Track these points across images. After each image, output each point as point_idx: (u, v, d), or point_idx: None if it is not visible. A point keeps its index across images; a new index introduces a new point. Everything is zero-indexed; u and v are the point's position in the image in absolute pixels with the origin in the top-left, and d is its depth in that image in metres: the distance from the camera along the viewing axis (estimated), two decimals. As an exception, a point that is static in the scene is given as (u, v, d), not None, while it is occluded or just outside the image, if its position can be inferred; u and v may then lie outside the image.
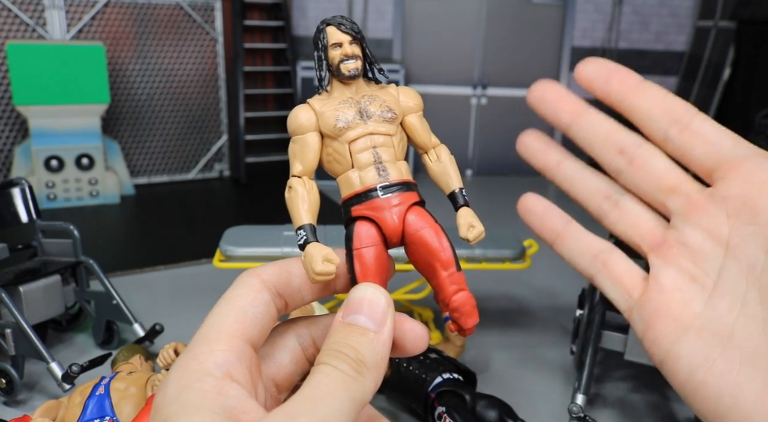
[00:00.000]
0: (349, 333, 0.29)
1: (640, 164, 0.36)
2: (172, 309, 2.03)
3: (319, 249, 0.31)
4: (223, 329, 0.29)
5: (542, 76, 3.91)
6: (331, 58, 0.34)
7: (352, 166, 0.33)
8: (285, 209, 0.34)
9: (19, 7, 3.57)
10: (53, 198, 3.50)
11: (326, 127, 0.33)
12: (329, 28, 0.34)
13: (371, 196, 0.33)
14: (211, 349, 0.28)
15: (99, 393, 0.95)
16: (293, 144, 0.34)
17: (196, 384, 0.27)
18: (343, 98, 0.34)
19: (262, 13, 4.27)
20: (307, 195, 0.33)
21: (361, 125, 0.33)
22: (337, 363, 0.27)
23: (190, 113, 4.19)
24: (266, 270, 0.32)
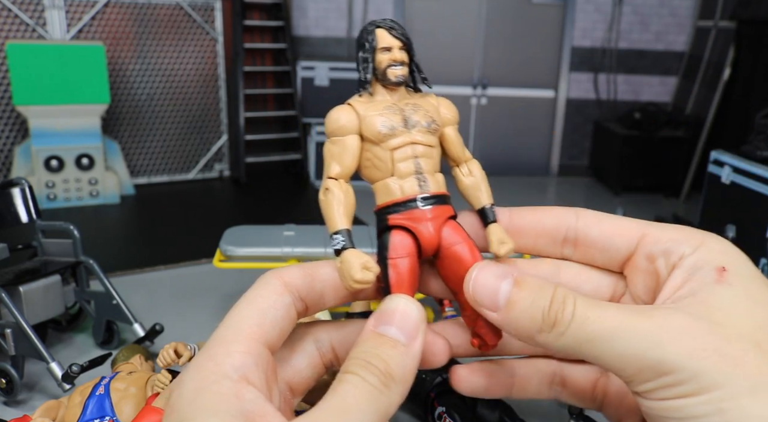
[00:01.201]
0: (380, 344, 0.28)
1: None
2: (172, 309, 2.02)
3: (358, 256, 0.30)
4: (242, 331, 0.29)
5: (542, 76, 3.93)
6: (378, 62, 0.33)
7: (392, 174, 0.32)
8: (285, 209, 0.33)
9: (19, 7, 3.57)
10: (53, 198, 3.50)
11: (370, 131, 0.32)
12: (379, 30, 0.34)
13: (411, 207, 0.32)
14: (229, 351, 0.28)
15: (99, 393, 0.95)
16: (331, 145, 0.33)
17: (213, 387, 0.26)
18: (387, 104, 0.33)
19: (262, 13, 4.27)
20: (344, 198, 0.31)
21: (405, 133, 0.32)
22: (365, 375, 0.27)
23: (190, 113, 4.19)
24: (289, 273, 0.32)
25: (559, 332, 0.29)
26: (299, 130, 4.21)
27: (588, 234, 0.34)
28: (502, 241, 0.33)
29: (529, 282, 0.30)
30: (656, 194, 4.38)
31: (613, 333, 0.28)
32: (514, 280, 0.30)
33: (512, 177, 4.82)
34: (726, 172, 2.68)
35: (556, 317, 0.29)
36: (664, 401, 0.27)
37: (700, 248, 0.30)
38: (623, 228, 0.33)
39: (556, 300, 0.29)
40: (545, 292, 0.29)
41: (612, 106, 4.79)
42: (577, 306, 0.29)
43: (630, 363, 0.27)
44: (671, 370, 0.26)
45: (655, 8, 4.67)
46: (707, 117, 4.14)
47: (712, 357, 0.26)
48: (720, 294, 0.28)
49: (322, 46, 4.54)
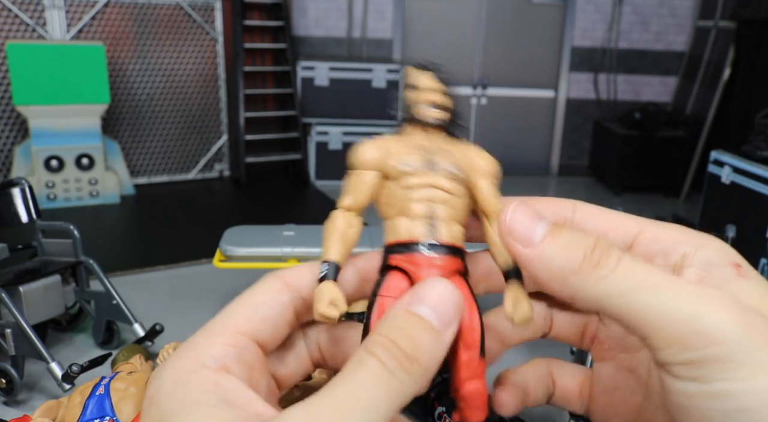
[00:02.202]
0: (412, 324, 0.25)
1: None
2: (172, 309, 2.02)
3: (331, 289, 0.29)
4: (229, 324, 0.29)
5: (542, 76, 3.93)
6: (417, 102, 0.33)
7: (403, 214, 0.31)
8: (285, 209, 0.33)
9: (19, 7, 3.57)
10: (53, 198, 3.50)
11: (390, 167, 0.32)
12: (424, 71, 0.33)
13: (414, 250, 0.30)
14: (210, 342, 0.27)
15: (99, 393, 0.95)
16: (350, 176, 0.33)
17: (191, 377, 0.25)
18: (416, 143, 0.33)
19: (262, 13, 4.27)
20: (345, 230, 0.31)
21: (426, 175, 0.31)
22: (386, 358, 0.24)
23: (190, 113, 4.19)
24: (291, 272, 0.31)
25: (600, 275, 0.26)
26: (299, 130, 4.21)
27: (584, 228, 0.32)
28: (517, 304, 0.30)
29: (569, 227, 0.28)
30: (656, 194, 4.38)
31: (663, 287, 0.25)
32: (554, 222, 0.29)
33: (512, 177, 4.83)
34: (726, 172, 2.68)
35: (600, 259, 0.26)
36: (705, 383, 0.24)
37: (704, 246, 0.29)
38: (620, 223, 0.32)
39: (599, 245, 0.27)
40: (588, 236, 0.27)
41: (612, 106, 4.79)
42: (623, 256, 0.26)
43: (675, 324, 0.24)
44: (722, 340, 0.23)
45: (655, 8, 4.67)
46: (707, 117, 4.15)
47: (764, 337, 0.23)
48: (746, 287, 0.27)
49: (322, 46, 4.54)
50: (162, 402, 0.25)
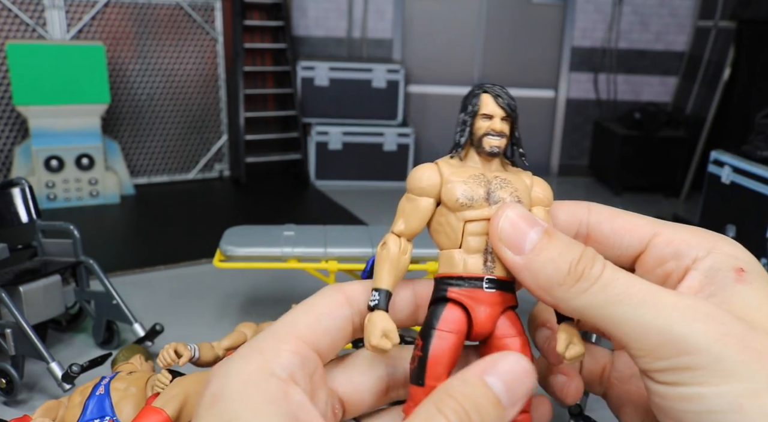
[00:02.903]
0: (483, 396, 0.26)
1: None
2: (172, 309, 2.02)
3: (383, 320, 0.29)
4: (294, 331, 0.29)
5: (542, 76, 3.93)
6: (476, 128, 0.32)
7: (459, 246, 0.31)
8: (285, 209, 0.33)
9: (19, 7, 3.57)
10: (53, 198, 3.50)
11: (448, 197, 0.31)
12: (485, 95, 0.32)
13: (475, 285, 0.30)
14: (278, 348, 0.28)
15: (99, 393, 0.95)
16: (406, 201, 0.32)
17: (262, 384, 0.26)
18: (475, 172, 0.32)
19: (262, 13, 4.27)
20: (397, 258, 0.31)
21: (485, 208, 0.31)
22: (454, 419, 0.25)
23: (190, 113, 4.19)
24: (352, 287, 0.31)
25: (582, 288, 0.27)
26: (299, 130, 4.21)
27: (599, 230, 0.33)
28: (572, 342, 0.31)
29: (560, 236, 0.29)
30: (656, 194, 4.38)
31: (640, 300, 0.26)
32: (545, 230, 0.29)
33: (512, 177, 4.82)
34: (726, 172, 2.68)
35: (584, 271, 0.27)
36: (679, 387, 0.25)
37: (713, 251, 0.30)
38: (635, 225, 0.32)
39: (585, 257, 0.28)
40: (575, 247, 0.28)
41: (612, 106, 4.79)
42: (606, 267, 0.28)
43: (652, 334, 0.26)
44: (694, 350, 0.25)
45: (655, 8, 4.67)
46: (707, 117, 4.15)
47: (737, 346, 0.25)
48: (741, 292, 0.28)
49: (322, 46, 4.54)
50: (227, 403, 0.25)
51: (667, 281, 0.31)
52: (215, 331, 1.63)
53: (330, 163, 4.21)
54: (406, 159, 4.22)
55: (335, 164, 4.19)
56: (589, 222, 0.33)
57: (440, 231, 0.32)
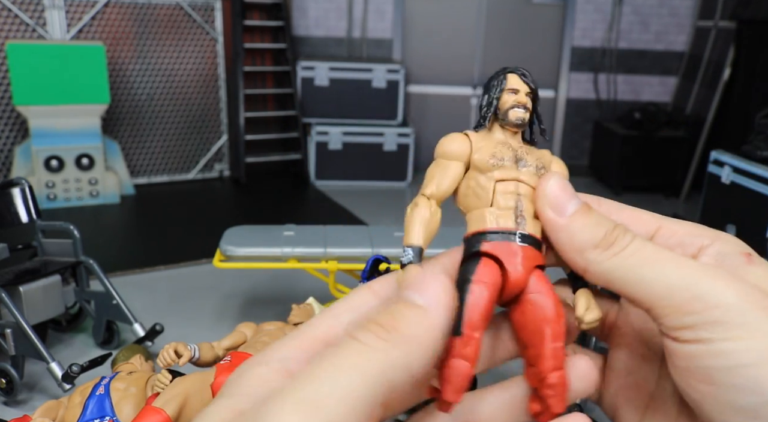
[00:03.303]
0: (395, 304, 0.26)
1: None
2: (172, 309, 2.02)
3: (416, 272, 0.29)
4: (309, 330, 0.29)
5: (542, 76, 3.94)
6: (503, 102, 0.33)
7: (491, 205, 0.32)
8: (285, 209, 0.33)
9: (19, 7, 3.57)
10: (53, 198, 3.50)
11: (479, 159, 0.32)
12: (511, 74, 0.34)
13: (508, 239, 0.31)
14: (284, 344, 0.28)
15: (99, 393, 0.95)
16: (435, 166, 0.33)
17: (246, 373, 0.27)
18: (501, 140, 0.33)
19: (262, 13, 4.27)
20: (429, 218, 0.31)
21: (513, 169, 0.32)
22: (361, 335, 0.24)
23: (190, 113, 4.19)
24: (380, 281, 0.32)
25: (614, 252, 0.29)
26: (299, 130, 4.21)
27: None
28: (589, 308, 0.32)
29: (597, 210, 0.32)
30: (656, 194, 4.39)
31: (668, 261, 0.28)
32: (585, 202, 0.32)
33: (512, 177, 4.82)
34: (726, 172, 2.68)
35: (617, 238, 0.30)
36: (706, 344, 0.26)
37: (717, 240, 0.32)
38: (640, 219, 0.34)
39: (619, 227, 0.30)
40: (610, 219, 0.31)
41: (612, 106, 4.80)
42: (636, 237, 0.30)
43: (678, 291, 0.27)
44: (720, 304, 0.26)
45: (655, 8, 4.67)
46: (707, 117, 4.15)
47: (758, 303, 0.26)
48: (753, 272, 0.29)
49: (322, 46, 4.54)
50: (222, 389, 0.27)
51: None
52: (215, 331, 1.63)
53: (330, 163, 4.21)
54: (406, 159, 4.22)
55: (335, 164, 4.19)
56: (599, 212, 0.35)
57: (469, 194, 0.33)
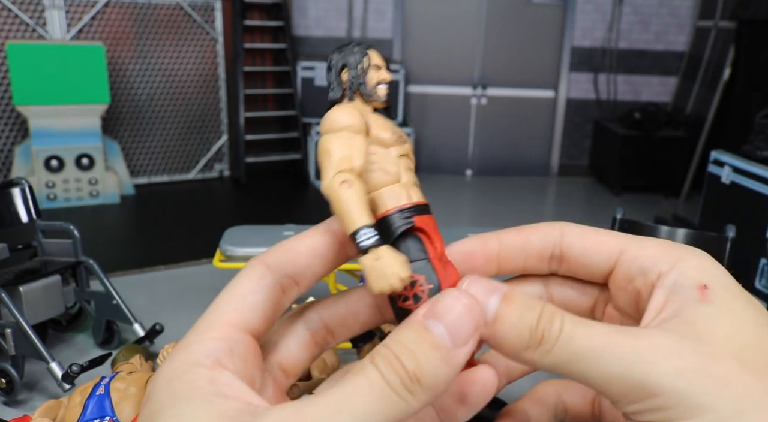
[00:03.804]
0: (420, 341, 0.25)
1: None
2: (172, 309, 2.02)
3: (395, 252, 0.28)
4: (218, 318, 0.29)
5: (542, 76, 3.94)
6: (369, 78, 0.32)
7: (398, 181, 0.31)
8: (285, 209, 0.33)
9: (19, 7, 3.57)
10: (53, 198, 3.50)
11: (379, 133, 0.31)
12: (371, 51, 0.33)
13: (426, 212, 0.30)
14: (202, 338, 0.28)
15: (99, 393, 0.95)
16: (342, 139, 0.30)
17: (185, 375, 0.26)
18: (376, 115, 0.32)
19: (262, 13, 4.27)
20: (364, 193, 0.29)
21: (402, 144, 0.32)
22: (387, 372, 0.24)
23: (190, 113, 4.19)
24: (272, 254, 0.31)
25: (545, 350, 0.28)
26: (299, 130, 4.21)
27: (570, 250, 0.34)
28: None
29: (518, 299, 0.29)
30: (656, 194, 4.38)
31: (600, 352, 0.27)
32: (503, 295, 0.29)
33: (512, 177, 4.82)
34: (726, 172, 2.68)
35: (543, 334, 0.28)
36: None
37: (677, 265, 0.30)
38: (602, 243, 0.33)
39: (543, 317, 0.28)
40: (533, 309, 0.29)
41: (612, 106, 4.79)
42: (564, 323, 0.28)
43: (616, 383, 0.27)
44: (658, 392, 0.26)
45: (655, 8, 4.67)
46: (707, 117, 4.15)
47: (698, 379, 0.26)
48: (703, 313, 0.28)
49: (322, 46, 4.54)
50: (155, 398, 0.26)
51: (638, 298, 0.31)
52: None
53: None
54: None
55: (335, 164, 4.20)
56: (562, 244, 0.34)
57: (377, 170, 0.31)
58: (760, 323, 0.28)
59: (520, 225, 0.36)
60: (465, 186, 4.67)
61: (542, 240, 0.35)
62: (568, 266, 0.34)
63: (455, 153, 4.86)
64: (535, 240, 0.35)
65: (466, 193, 4.51)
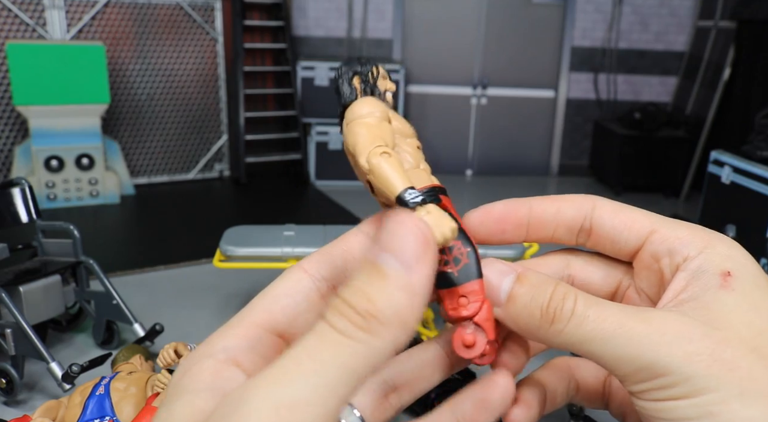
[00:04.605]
0: (367, 275, 0.23)
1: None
2: (172, 309, 2.02)
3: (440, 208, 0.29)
4: (247, 317, 0.29)
5: (542, 76, 3.94)
6: (379, 84, 0.34)
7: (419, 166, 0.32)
8: (285, 209, 0.33)
9: (19, 7, 3.57)
10: (53, 198, 3.50)
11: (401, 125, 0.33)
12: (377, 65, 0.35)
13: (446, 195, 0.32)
14: (225, 334, 0.28)
15: (99, 393, 0.95)
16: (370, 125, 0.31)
17: (195, 367, 0.26)
18: None
19: (262, 13, 4.27)
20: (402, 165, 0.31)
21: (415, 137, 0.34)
22: (335, 320, 0.22)
23: (190, 113, 4.19)
24: (309, 259, 0.31)
25: (557, 329, 0.29)
26: (299, 130, 4.21)
27: (601, 225, 0.34)
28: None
29: (531, 278, 0.30)
30: (656, 194, 4.39)
31: (611, 334, 0.28)
32: (517, 276, 0.30)
33: (512, 177, 4.82)
34: (726, 172, 2.68)
35: (555, 314, 0.29)
36: (657, 402, 0.27)
37: (705, 250, 0.30)
38: (634, 221, 0.33)
39: (555, 297, 0.29)
40: (545, 288, 0.29)
41: (612, 106, 4.79)
42: (577, 303, 0.29)
43: (626, 364, 0.28)
44: (665, 373, 0.27)
45: (655, 8, 4.67)
46: (707, 117, 4.15)
47: (705, 361, 0.26)
48: (722, 299, 0.28)
49: (322, 46, 4.54)
50: (168, 390, 0.26)
51: (661, 280, 0.32)
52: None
53: (330, 163, 4.21)
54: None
55: (335, 164, 4.19)
56: (593, 218, 0.34)
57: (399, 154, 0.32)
58: None
59: None
60: (465, 186, 4.67)
61: (575, 211, 0.35)
62: (596, 240, 0.34)
63: (455, 153, 4.86)
64: (567, 211, 0.35)
65: (466, 193, 4.51)
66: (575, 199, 0.35)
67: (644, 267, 0.33)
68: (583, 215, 0.34)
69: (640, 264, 0.33)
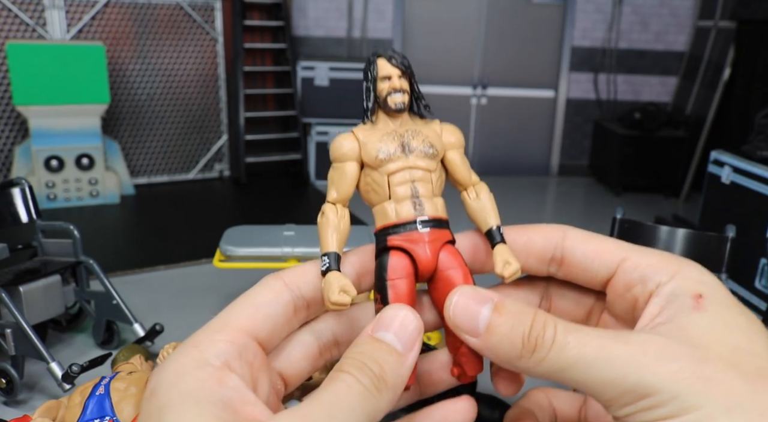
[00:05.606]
0: (376, 349, 0.28)
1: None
2: (172, 309, 2.02)
3: (338, 278, 0.31)
4: (230, 322, 0.30)
5: (542, 76, 3.93)
6: (379, 91, 0.34)
7: (389, 198, 0.33)
8: (285, 209, 0.34)
9: (19, 7, 3.57)
10: (53, 198, 3.50)
11: (368, 157, 0.33)
12: (380, 60, 0.35)
13: (410, 229, 0.33)
14: (213, 339, 0.28)
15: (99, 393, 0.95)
16: (333, 171, 0.34)
17: (194, 372, 0.26)
18: (387, 130, 0.34)
19: (262, 13, 4.27)
20: (338, 223, 0.33)
21: (402, 158, 0.33)
22: (360, 376, 0.27)
23: (190, 113, 4.19)
24: (290, 273, 0.33)
25: (539, 358, 0.28)
26: (299, 130, 4.21)
27: (573, 254, 0.34)
28: (507, 262, 0.33)
29: (509, 307, 0.30)
30: (656, 194, 4.38)
31: (594, 358, 0.28)
32: (495, 305, 0.30)
33: (512, 177, 4.82)
34: (726, 172, 2.68)
35: (536, 342, 0.28)
36: None
37: (676, 276, 0.31)
38: (605, 250, 0.33)
39: (536, 325, 0.29)
40: (525, 317, 0.29)
41: (612, 106, 4.79)
42: (557, 331, 0.29)
43: (610, 387, 0.27)
44: (650, 393, 0.27)
45: (655, 8, 4.67)
46: (707, 117, 4.15)
47: (689, 379, 0.26)
48: (696, 320, 0.29)
49: (322, 46, 4.54)
50: (162, 393, 0.26)
51: (635, 306, 0.32)
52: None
53: (330, 163, 4.21)
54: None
55: (335, 164, 4.20)
56: (564, 247, 0.34)
57: (369, 190, 0.34)
58: (752, 330, 0.29)
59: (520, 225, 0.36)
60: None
61: (544, 240, 0.35)
62: (568, 270, 0.34)
63: (455, 153, 4.86)
64: (537, 240, 0.35)
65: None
66: (544, 229, 0.35)
67: (618, 296, 0.33)
68: (553, 244, 0.35)
69: (613, 292, 0.33)
